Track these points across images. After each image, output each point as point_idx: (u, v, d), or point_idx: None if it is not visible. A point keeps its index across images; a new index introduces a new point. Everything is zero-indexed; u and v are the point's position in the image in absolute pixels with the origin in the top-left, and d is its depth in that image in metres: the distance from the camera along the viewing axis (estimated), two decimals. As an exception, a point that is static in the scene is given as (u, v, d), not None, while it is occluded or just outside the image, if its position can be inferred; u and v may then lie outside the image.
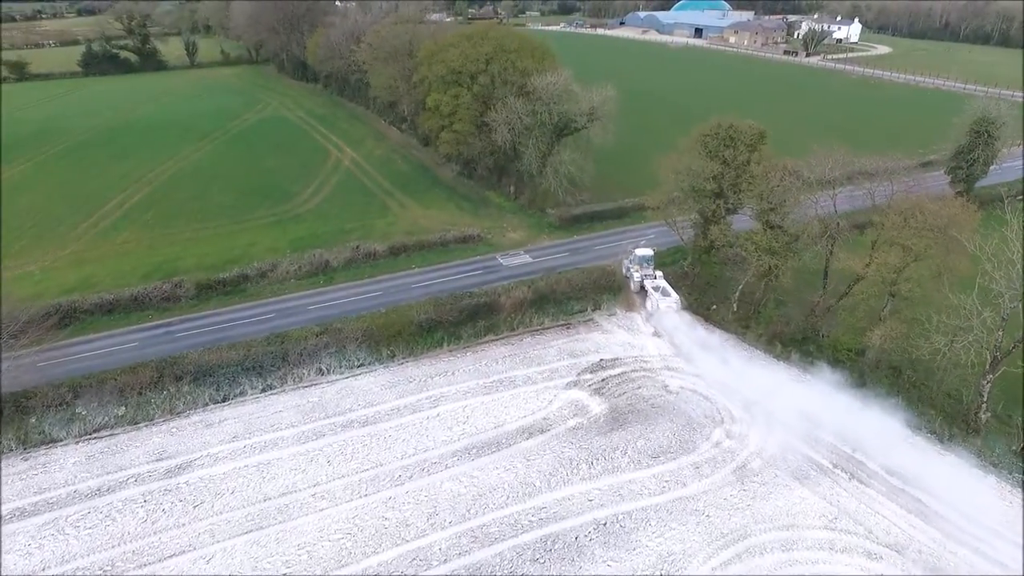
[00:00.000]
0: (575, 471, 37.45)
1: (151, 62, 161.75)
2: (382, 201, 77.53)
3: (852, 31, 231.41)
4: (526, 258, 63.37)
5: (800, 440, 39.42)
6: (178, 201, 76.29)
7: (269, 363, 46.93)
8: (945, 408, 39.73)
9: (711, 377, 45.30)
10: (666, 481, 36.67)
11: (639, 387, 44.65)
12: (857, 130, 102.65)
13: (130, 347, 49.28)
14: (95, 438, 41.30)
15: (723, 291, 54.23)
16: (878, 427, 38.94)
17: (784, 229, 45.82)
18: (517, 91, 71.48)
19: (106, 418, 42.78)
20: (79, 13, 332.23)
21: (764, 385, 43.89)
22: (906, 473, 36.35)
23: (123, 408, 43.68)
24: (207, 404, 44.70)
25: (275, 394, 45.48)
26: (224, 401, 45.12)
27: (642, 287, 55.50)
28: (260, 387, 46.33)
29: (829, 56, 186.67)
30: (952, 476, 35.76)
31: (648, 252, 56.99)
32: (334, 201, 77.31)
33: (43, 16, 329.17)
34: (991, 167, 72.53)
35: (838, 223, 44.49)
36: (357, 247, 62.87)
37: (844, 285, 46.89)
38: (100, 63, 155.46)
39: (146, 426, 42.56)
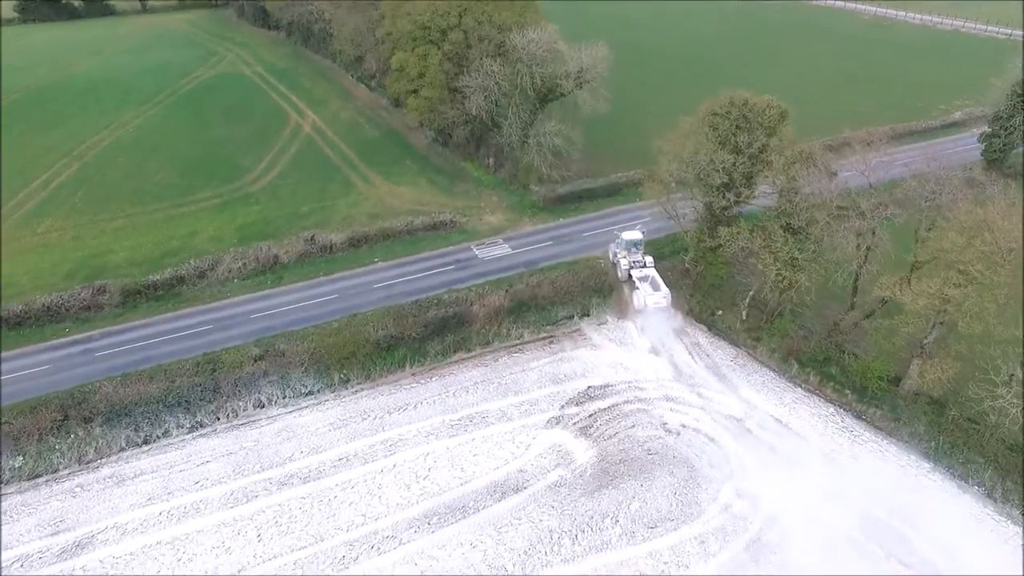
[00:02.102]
0: (556, 548, 30.96)
1: (97, 7, 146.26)
2: (345, 176, 68.72)
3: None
4: (505, 248, 55.54)
5: (823, 500, 32.98)
6: (112, 180, 67.15)
7: (198, 397, 39.81)
8: (998, 458, 33.25)
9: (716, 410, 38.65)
10: (665, 563, 30.21)
11: (633, 425, 37.80)
12: (874, 83, 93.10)
13: (40, 371, 42.08)
14: (-20, 502, 34.47)
15: (730, 294, 46.85)
16: (918, 485, 32.61)
17: (808, 234, 38.05)
18: (494, 50, 61.78)
19: (-3, 473, 35.94)
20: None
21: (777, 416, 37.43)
22: (956, 550, 30.04)
23: (20, 458, 36.75)
24: (123, 448, 37.88)
25: (204, 436, 38.55)
26: (145, 444, 38.35)
27: (630, 276, 48.26)
28: (188, 425, 39.37)
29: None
30: (1015, 557, 29.55)
31: (637, 235, 49.45)
32: (290, 177, 68.45)
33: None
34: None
35: (874, 231, 36.62)
36: (312, 238, 54.84)
37: (875, 299, 39.58)
38: (39, 8, 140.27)
39: (47, 483, 35.72)
